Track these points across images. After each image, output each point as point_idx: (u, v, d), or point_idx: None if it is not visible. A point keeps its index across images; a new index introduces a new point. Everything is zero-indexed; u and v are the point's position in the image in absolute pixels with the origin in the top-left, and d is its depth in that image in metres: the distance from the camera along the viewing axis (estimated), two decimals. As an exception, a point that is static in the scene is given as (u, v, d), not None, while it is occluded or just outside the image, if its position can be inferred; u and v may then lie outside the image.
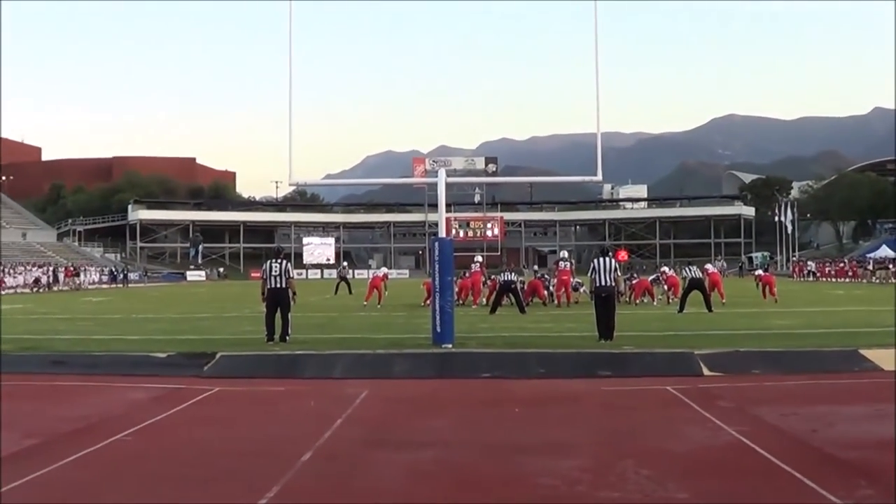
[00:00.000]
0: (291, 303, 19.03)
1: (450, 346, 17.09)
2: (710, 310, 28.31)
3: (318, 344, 18.17)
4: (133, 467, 8.75)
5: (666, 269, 38.56)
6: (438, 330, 17.37)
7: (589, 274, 19.50)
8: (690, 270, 30.80)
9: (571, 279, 35.56)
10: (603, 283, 18.37)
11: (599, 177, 18.98)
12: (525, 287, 33.41)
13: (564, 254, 40.02)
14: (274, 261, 19.21)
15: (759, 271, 33.90)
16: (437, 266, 17.77)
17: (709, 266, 34.98)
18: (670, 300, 34.59)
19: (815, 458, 8.62)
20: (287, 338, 18.54)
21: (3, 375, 15.37)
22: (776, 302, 33.72)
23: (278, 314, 18.83)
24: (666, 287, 36.16)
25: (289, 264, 19.39)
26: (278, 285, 18.83)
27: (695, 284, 29.82)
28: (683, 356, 15.57)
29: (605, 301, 18.37)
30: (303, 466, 8.47)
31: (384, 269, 39.22)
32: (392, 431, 10.54)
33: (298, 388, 14.03)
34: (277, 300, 18.79)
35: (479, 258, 38.70)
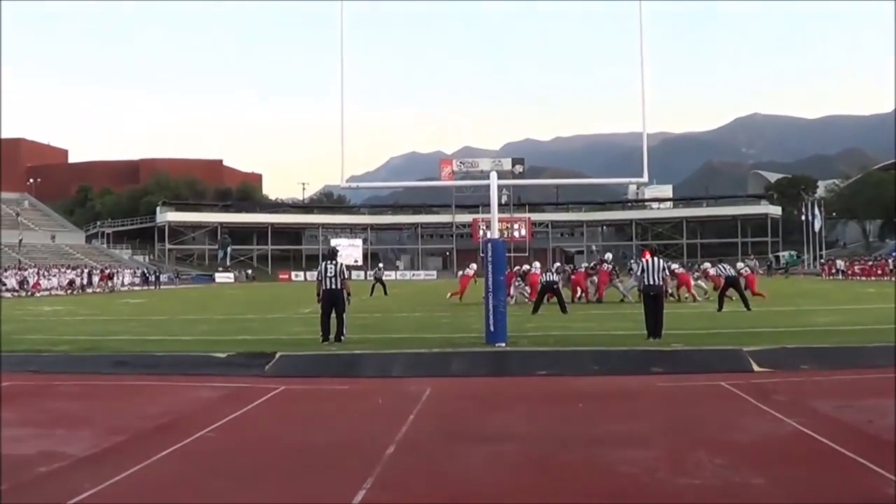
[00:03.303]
0: (346, 304, 19.38)
1: (503, 344, 17.41)
2: (748, 307, 28.53)
3: (373, 344, 18.50)
4: (226, 462, 9.14)
5: (709, 265, 38.59)
6: (492, 329, 17.70)
7: (638, 273, 19.86)
8: (724, 269, 31.00)
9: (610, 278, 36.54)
10: (652, 282, 18.71)
11: (645, 178, 19.24)
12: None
13: (609, 255, 40.28)
14: (329, 262, 19.46)
15: (745, 270, 33.72)
16: (489, 266, 18.11)
17: (739, 265, 35.15)
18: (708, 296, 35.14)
19: (876, 445, 8.98)
20: (342, 338, 18.85)
21: (65, 375, 15.93)
22: (764, 299, 33.56)
23: (333, 315, 19.16)
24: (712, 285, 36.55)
25: (343, 266, 19.70)
26: (334, 286, 19.12)
27: (731, 282, 30.03)
28: (733, 353, 15.86)
29: (653, 300, 18.69)
30: (390, 459, 8.85)
31: (473, 267, 39.23)
32: (466, 425, 10.92)
33: (362, 387, 14.37)
34: (333, 301, 19.08)
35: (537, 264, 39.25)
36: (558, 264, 40.57)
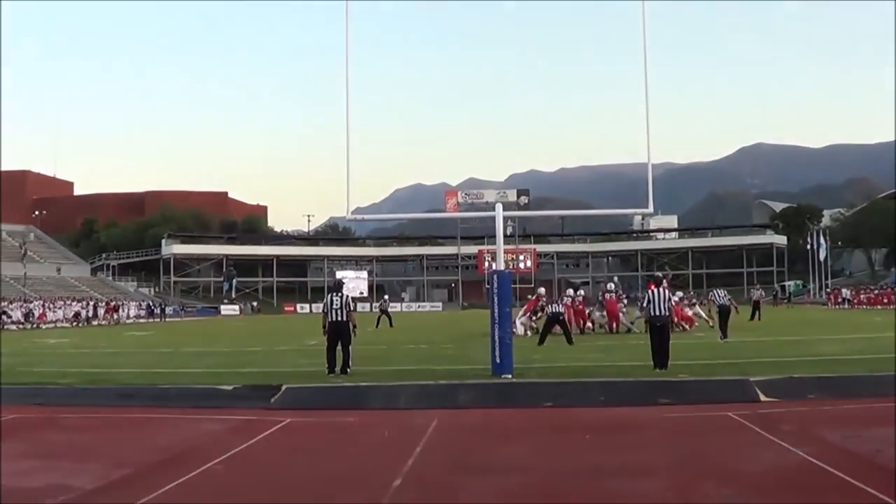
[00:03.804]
0: (352, 336, 19.37)
1: (509, 376, 17.41)
2: (722, 337, 29.00)
3: (379, 376, 18.49)
4: (232, 495, 9.14)
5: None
6: (498, 361, 17.69)
7: (644, 304, 19.88)
8: (718, 296, 31.21)
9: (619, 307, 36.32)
10: (658, 312, 18.72)
11: (650, 209, 19.28)
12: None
13: (611, 286, 40.19)
14: (335, 294, 19.46)
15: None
16: (495, 298, 18.12)
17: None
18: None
19: (885, 476, 8.94)
20: (348, 370, 18.83)
21: (71, 408, 15.92)
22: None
23: (339, 347, 19.14)
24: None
25: (349, 298, 19.69)
26: (340, 318, 19.12)
27: (723, 311, 30.30)
28: (740, 383, 15.86)
29: (660, 330, 18.70)
30: (396, 492, 8.82)
31: (542, 291, 38.74)
32: (473, 458, 10.89)
33: (368, 419, 14.34)
34: (339, 333, 19.06)
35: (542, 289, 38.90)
36: (581, 292, 39.91)
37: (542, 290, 37.62)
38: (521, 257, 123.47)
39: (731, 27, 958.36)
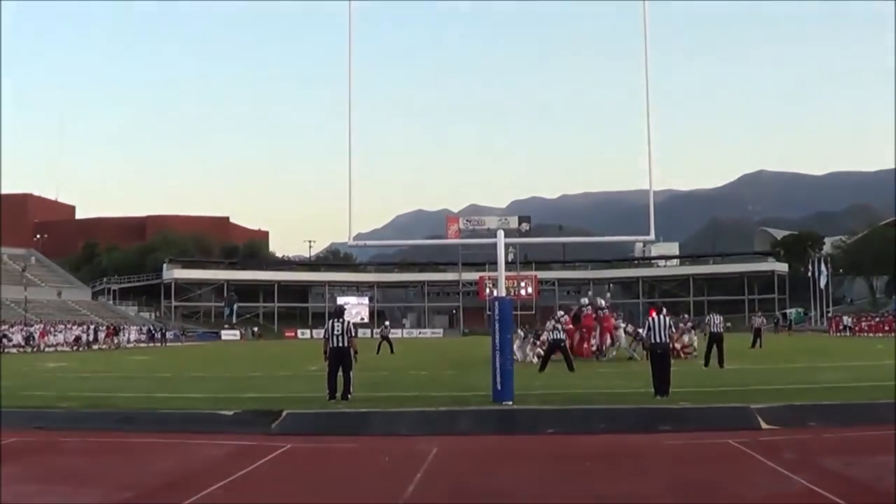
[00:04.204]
0: (353, 362, 19.36)
1: (510, 403, 17.39)
2: (706, 363, 29.12)
3: (380, 402, 18.47)
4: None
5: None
6: (499, 387, 17.68)
7: (644, 332, 19.89)
8: (714, 323, 31.32)
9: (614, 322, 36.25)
10: (658, 339, 18.73)
11: (652, 236, 19.30)
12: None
13: (584, 300, 39.90)
14: (336, 320, 19.45)
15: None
16: (496, 325, 18.12)
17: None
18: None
19: (885, 503, 8.95)
20: (349, 396, 18.81)
21: (72, 432, 15.91)
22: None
23: (340, 373, 19.12)
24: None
25: (351, 324, 19.68)
26: (341, 344, 19.11)
27: (715, 338, 30.30)
28: (740, 410, 15.84)
29: (660, 357, 18.71)
30: (398, 519, 8.83)
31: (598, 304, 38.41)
32: (474, 485, 10.87)
33: (369, 445, 14.32)
34: (340, 359, 19.04)
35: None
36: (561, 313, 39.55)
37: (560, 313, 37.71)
38: (523, 284, 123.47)
39: (734, 54, 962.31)
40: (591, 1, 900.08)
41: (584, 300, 40.25)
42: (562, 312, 39.33)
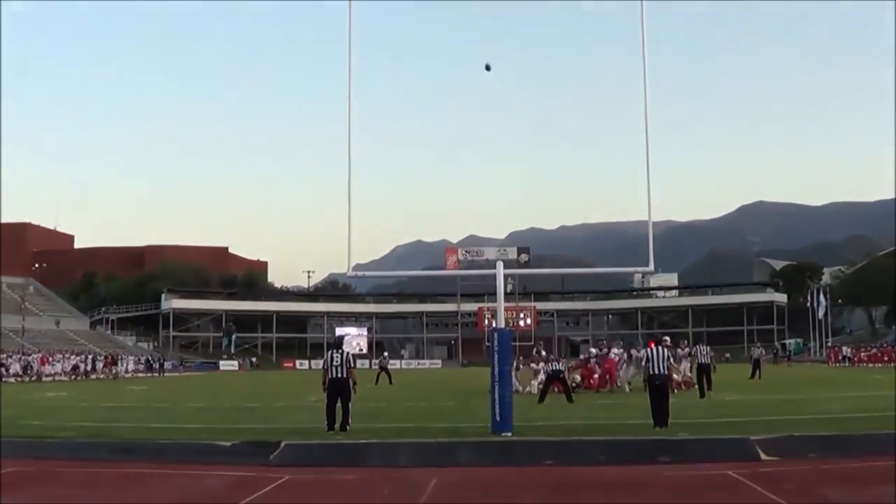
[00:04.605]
0: (352, 392, 19.33)
1: (509, 434, 17.36)
2: (703, 394, 29.20)
3: (379, 433, 18.43)
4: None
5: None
6: (498, 419, 17.66)
7: (643, 363, 19.89)
8: (700, 354, 31.47)
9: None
10: (657, 371, 18.74)
11: (651, 267, 19.32)
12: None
13: (593, 350, 39.77)
14: (335, 351, 19.46)
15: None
16: (495, 356, 18.12)
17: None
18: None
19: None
20: (347, 427, 18.75)
21: (69, 462, 15.85)
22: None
23: (338, 404, 19.10)
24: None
25: (350, 354, 19.69)
26: (340, 375, 19.10)
27: (703, 369, 30.57)
28: (740, 441, 15.78)
29: (658, 389, 18.71)
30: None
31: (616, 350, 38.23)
32: (473, 516, 10.86)
33: (368, 477, 14.27)
34: (339, 390, 19.01)
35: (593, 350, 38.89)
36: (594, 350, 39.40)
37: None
38: (521, 315, 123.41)
39: (732, 85, 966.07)
40: (589, 36, 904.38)
41: (593, 350, 39.97)
42: (595, 350, 39.14)
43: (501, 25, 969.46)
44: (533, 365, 36.72)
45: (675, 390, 26.86)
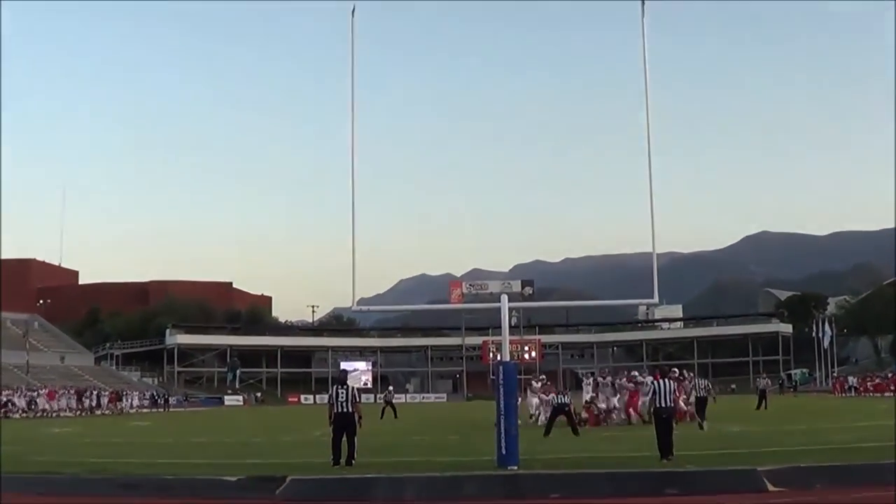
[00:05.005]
0: (358, 427, 19.30)
1: (515, 467, 17.31)
2: (700, 427, 29.21)
3: (384, 467, 18.38)
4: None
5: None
6: (504, 452, 17.62)
7: (649, 395, 19.87)
8: (698, 387, 31.59)
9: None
10: (663, 403, 18.72)
11: (655, 299, 19.32)
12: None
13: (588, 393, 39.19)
14: (340, 386, 19.52)
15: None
16: (501, 389, 18.09)
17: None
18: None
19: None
20: (353, 461, 18.73)
21: (74, 497, 15.82)
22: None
23: (344, 438, 19.07)
24: None
25: (355, 389, 19.71)
26: (345, 410, 19.11)
27: (701, 402, 30.72)
28: (747, 473, 15.73)
29: (665, 421, 18.69)
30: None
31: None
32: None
33: (374, 511, 14.26)
34: (344, 424, 19.01)
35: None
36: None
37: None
38: (526, 348, 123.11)
39: (734, 117, 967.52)
40: (591, 70, 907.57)
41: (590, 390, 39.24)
42: (636, 375, 38.58)
43: (505, 60, 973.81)
44: (535, 389, 36.50)
45: (679, 422, 26.74)
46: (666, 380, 19.19)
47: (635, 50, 19.73)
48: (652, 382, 19.70)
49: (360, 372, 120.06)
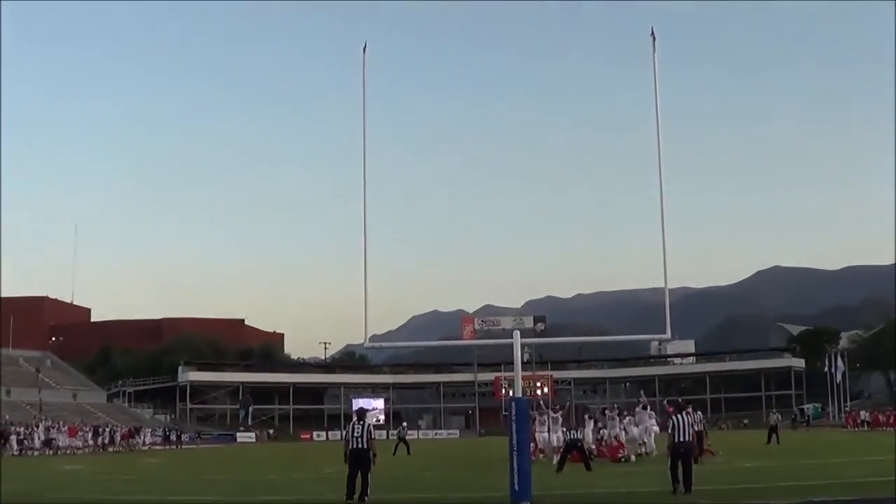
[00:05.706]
0: (372, 463, 19.35)
1: (528, 503, 17.34)
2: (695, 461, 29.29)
3: None
4: None
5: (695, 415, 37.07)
6: (516, 488, 17.63)
7: (668, 430, 19.87)
8: (695, 422, 31.61)
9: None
10: (682, 438, 18.78)
11: (668, 334, 19.37)
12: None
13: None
14: (356, 422, 19.56)
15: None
16: (513, 425, 18.14)
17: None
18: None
19: None
20: (366, 498, 18.76)
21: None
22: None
23: (359, 475, 19.10)
24: None
25: (370, 426, 19.75)
26: (360, 446, 19.15)
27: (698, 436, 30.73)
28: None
29: (684, 456, 18.73)
30: None
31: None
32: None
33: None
34: (359, 460, 19.03)
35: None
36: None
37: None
38: (538, 384, 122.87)
39: (744, 152, 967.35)
40: (603, 105, 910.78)
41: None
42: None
43: (517, 99, 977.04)
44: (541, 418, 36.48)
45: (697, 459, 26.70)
46: (683, 414, 19.27)
47: (646, 84, 19.89)
48: (671, 417, 19.74)
49: (377, 411, 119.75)
